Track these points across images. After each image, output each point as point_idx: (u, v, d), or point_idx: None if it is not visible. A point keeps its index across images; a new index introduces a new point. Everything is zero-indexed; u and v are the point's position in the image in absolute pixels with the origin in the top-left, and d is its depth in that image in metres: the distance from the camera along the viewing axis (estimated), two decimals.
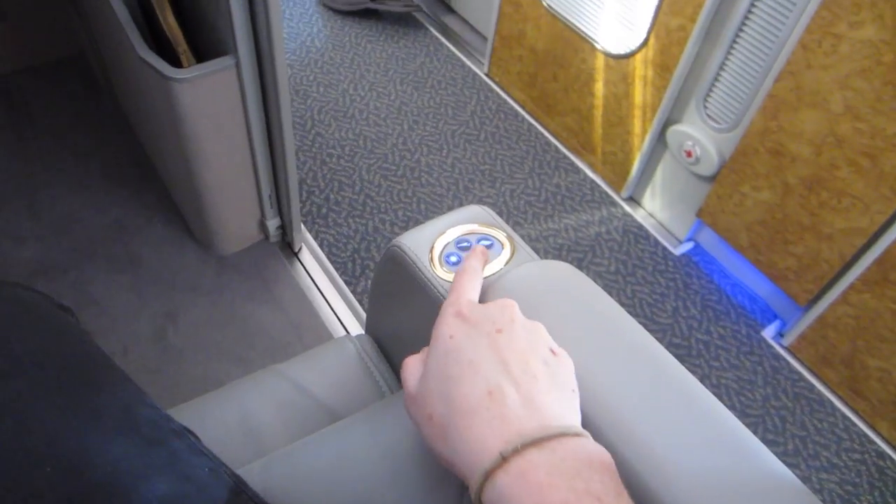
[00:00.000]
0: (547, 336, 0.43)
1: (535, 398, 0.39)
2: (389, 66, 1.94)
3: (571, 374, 0.43)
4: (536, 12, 1.66)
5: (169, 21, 1.07)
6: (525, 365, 0.40)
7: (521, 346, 0.41)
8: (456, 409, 0.39)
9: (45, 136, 1.61)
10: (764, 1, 1.19)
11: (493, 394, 0.38)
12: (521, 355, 0.41)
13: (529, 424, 0.37)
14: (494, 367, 0.40)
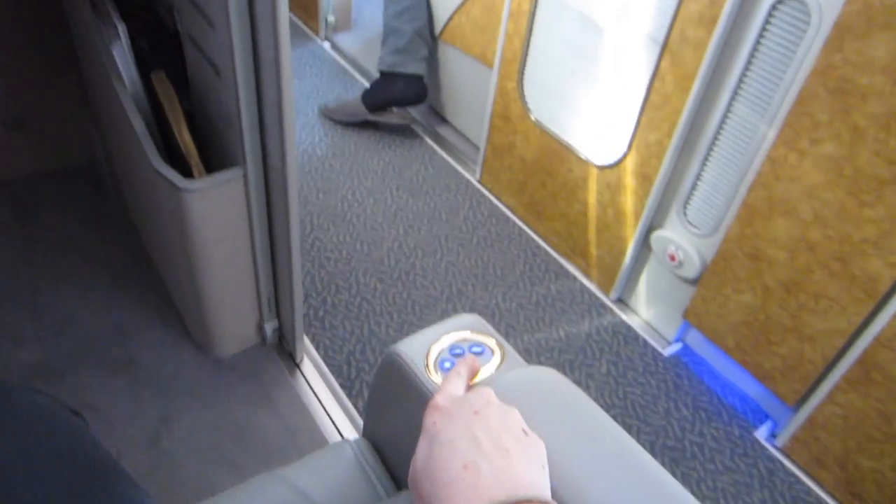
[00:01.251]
0: (520, 418, 0.48)
1: (505, 470, 0.43)
2: (386, 173, 2.04)
3: (542, 453, 0.47)
4: (525, 125, 1.78)
5: (184, 137, 1.15)
6: (498, 441, 0.44)
7: (495, 424, 0.46)
8: (437, 484, 0.43)
9: (53, 239, 1.67)
10: (733, 119, 1.28)
11: (467, 467, 0.43)
12: (495, 433, 0.45)
13: (500, 492, 0.41)
14: (470, 444, 0.44)
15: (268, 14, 0.95)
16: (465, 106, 2.18)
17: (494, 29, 1.82)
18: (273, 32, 0.95)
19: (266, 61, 1.01)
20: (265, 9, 0.96)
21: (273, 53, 0.97)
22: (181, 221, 1.17)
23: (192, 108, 1.33)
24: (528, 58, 1.70)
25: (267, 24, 0.96)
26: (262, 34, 1.00)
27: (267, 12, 0.95)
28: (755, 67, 1.22)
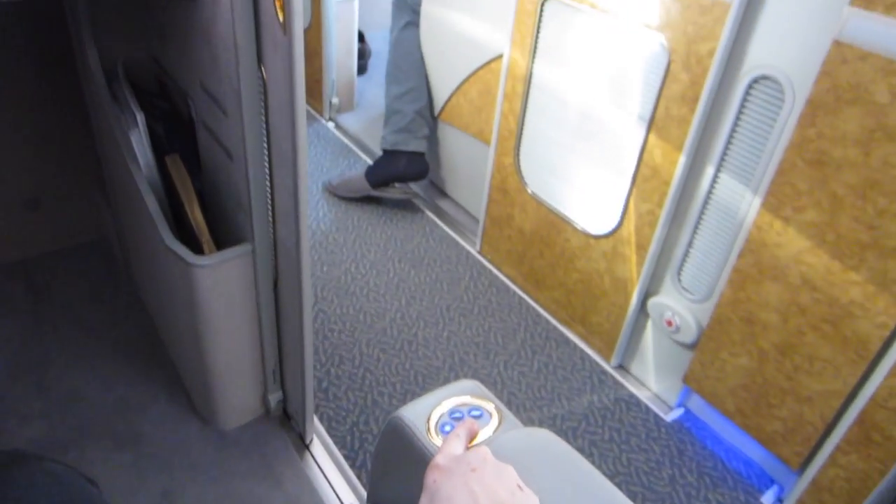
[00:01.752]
0: (515, 475, 0.51)
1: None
2: (389, 246, 2.09)
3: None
4: (522, 198, 1.84)
5: (196, 216, 1.21)
6: (494, 496, 0.47)
7: (491, 480, 0.49)
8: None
9: (62, 315, 1.70)
10: (720, 188, 1.35)
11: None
12: (491, 488, 0.48)
13: None
14: (467, 499, 0.47)
15: (286, 112, 1.01)
16: (464, 180, 2.26)
17: (490, 109, 1.92)
18: (291, 125, 1.00)
19: (282, 151, 1.07)
20: (282, 104, 1.02)
21: (290, 144, 1.02)
22: (190, 296, 1.22)
23: (203, 187, 1.39)
24: (524, 135, 1.78)
25: (285, 120, 1.02)
26: (279, 129, 1.06)
27: (286, 110, 1.01)
28: (737, 141, 1.29)
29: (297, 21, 0.92)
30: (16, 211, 1.80)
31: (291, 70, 0.95)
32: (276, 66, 1.00)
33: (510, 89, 1.77)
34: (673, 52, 1.33)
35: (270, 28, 0.98)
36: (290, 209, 1.10)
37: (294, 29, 0.92)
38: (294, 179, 1.05)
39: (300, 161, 1.03)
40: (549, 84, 1.65)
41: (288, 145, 1.04)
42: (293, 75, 0.95)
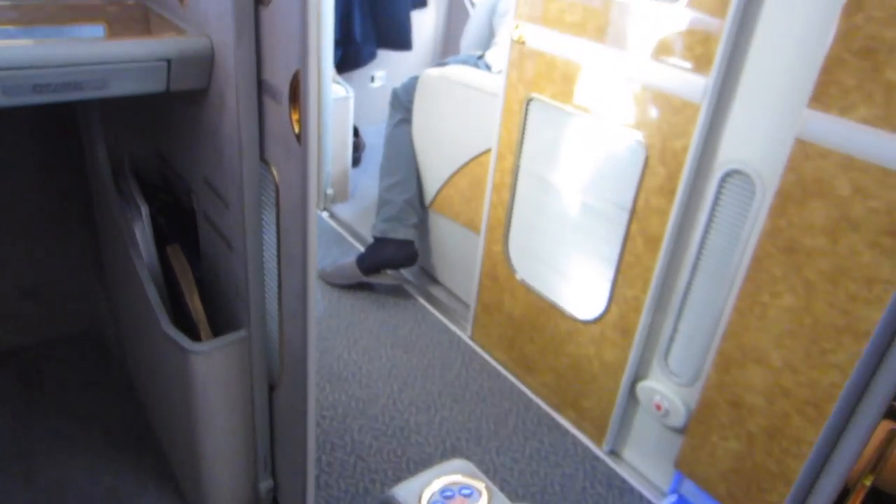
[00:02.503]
0: None
1: None
2: (381, 332, 2.12)
3: None
4: (511, 284, 1.90)
5: (195, 304, 1.25)
6: None
7: None
8: None
9: (53, 403, 1.70)
10: (701, 274, 1.40)
11: None
12: None
13: None
14: None
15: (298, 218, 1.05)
16: (455, 267, 2.32)
17: (480, 199, 2.00)
18: (302, 230, 1.05)
19: (292, 253, 1.11)
20: (294, 209, 1.06)
21: (300, 248, 1.07)
22: (185, 381, 1.24)
23: (202, 276, 1.43)
24: (512, 224, 1.85)
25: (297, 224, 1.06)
26: (290, 232, 1.10)
27: (298, 215, 1.05)
28: (714, 230, 1.36)
29: (313, 135, 0.98)
30: (12, 299, 1.83)
31: (305, 180, 1.00)
32: (289, 172, 1.06)
33: (499, 181, 1.85)
34: (650, 147, 1.42)
35: (284, 137, 1.04)
36: (299, 310, 1.13)
37: (309, 141, 0.98)
38: (303, 280, 1.08)
39: (310, 263, 1.06)
40: (536, 176, 1.73)
41: (298, 249, 1.07)
42: (306, 185, 1.01)
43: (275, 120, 1.07)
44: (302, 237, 1.06)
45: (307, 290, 1.10)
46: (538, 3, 1.59)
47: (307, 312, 1.12)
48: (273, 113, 1.07)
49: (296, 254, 1.09)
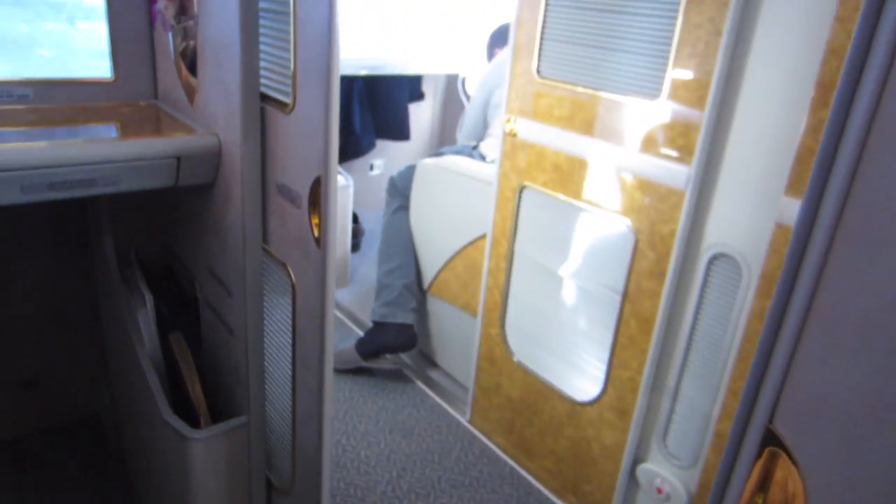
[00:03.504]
0: None
1: None
2: (380, 417, 2.11)
3: None
4: (509, 367, 1.91)
5: (196, 391, 1.26)
6: None
7: None
8: None
9: (46, 493, 1.68)
10: (694, 355, 1.42)
11: None
12: None
13: None
14: None
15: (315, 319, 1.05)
16: (453, 351, 2.33)
17: (477, 283, 2.04)
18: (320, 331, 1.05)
19: (307, 354, 1.12)
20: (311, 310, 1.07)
21: (316, 347, 1.07)
22: (183, 468, 1.23)
23: (204, 363, 1.45)
24: (508, 307, 1.89)
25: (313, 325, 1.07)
26: (305, 332, 1.11)
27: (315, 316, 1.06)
28: (704, 310, 1.39)
29: (332, 238, 0.99)
30: (12, 389, 1.83)
31: (324, 283, 1.01)
32: (307, 274, 1.07)
33: (494, 265, 1.90)
34: (639, 232, 1.47)
35: (303, 239, 1.06)
36: (314, 413, 1.13)
37: (328, 244, 0.99)
38: (319, 384, 1.08)
39: (327, 366, 1.06)
40: (530, 260, 1.78)
41: (315, 352, 1.08)
42: (325, 288, 1.01)
43: (293, 223, 1.09)
44: (319, 340, 1.05)
45: (324, 393, 1.08)
46: (528, 99, 1.69)
47: (323, 417, 1.11)
48: (291, 216, 1.09)
49: (312, 356, 1.09)
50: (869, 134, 0.48)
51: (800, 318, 0.55)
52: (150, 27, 1.42)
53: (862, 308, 0.51)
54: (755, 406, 0.60)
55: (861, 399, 0.51)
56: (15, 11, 1.32)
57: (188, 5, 1.22)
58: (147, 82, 1.46)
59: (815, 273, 0.53)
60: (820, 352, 0.54)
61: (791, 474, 0.57)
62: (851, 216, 0.51)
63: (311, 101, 1.00)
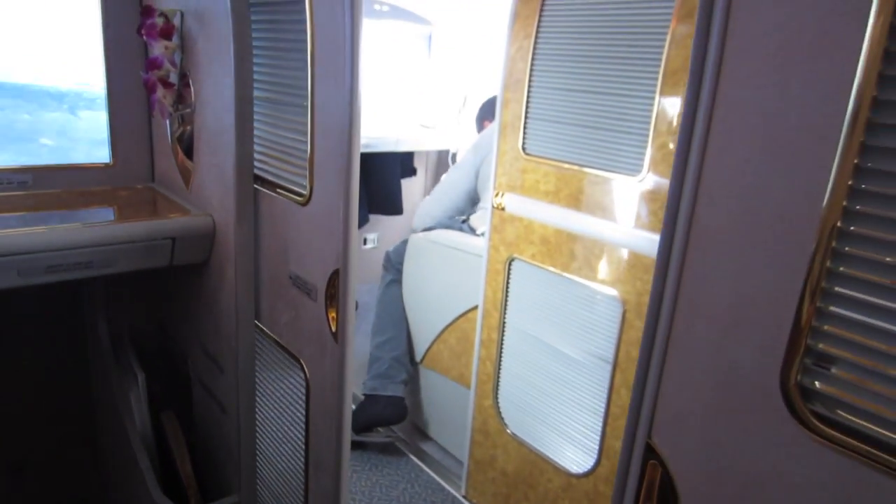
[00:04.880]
0: None
1: None
2: (374, 493, 2.07)
3: None
4: (503, 439, 1.89)
5: (186, 469, 1.25)
6: None
7: None
8: None
9: None
10: None
11: None
12: None
13: None
14: None
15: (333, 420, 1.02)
16: (447, 423, 2.31)
17: (469, 355, 2.05)
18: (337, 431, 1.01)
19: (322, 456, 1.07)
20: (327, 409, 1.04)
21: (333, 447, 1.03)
22: None
23: (195, 441, 1.45)
24: (501, 378, 1.89)
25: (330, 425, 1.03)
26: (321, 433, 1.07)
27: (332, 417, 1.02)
28: None
29: (351, 333, 0.97)
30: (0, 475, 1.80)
31: (343, 381, 0.98)
32: (322, 370, 1.04)
33: (486, 337, 1.91)
34: (626, 302, 1.50)
35: (319, 334, 1.03)
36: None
37: (347, 340, 0.97)
38: (336, 486, 1.04)
39: (343, 467, 1.02)
40: (522, 331, 1.80)
41: (331, 452, 1.03)
42: (343, 386, 0.98)
43: (308, 316, 1.06)
44: (337, 442, 1.01)
45: (340, 496, 1.03)
46: (515, 174, 1.74)
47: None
48: (306, 309, 1.06)
49: (328, 459, 1.04)
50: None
51: (663, 344, 0.64)
52: (149, 114, 1.48)
53: (704, 333, 0.60)
54: (638, 424, 0.67)
55: (712, 411, 0.61)
56: (18, 103, 1.38)
57: (186, 94, 1.29)
58: (144, 166, 1.52)
59: (671, 304, 0.63)
60: (679, 374, 0.63)
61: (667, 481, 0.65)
62: (689, 258, 0.61)
63: (329, 193, 0.98)
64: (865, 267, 0.51)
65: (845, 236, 0.52)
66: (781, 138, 0.54)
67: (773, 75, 0.54)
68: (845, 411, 0.53)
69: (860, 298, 0.52)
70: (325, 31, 0.97)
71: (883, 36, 0.48)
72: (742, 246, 0.57)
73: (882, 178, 0.49)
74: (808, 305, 0.53)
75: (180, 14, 1.26)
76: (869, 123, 0.50)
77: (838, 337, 0.53)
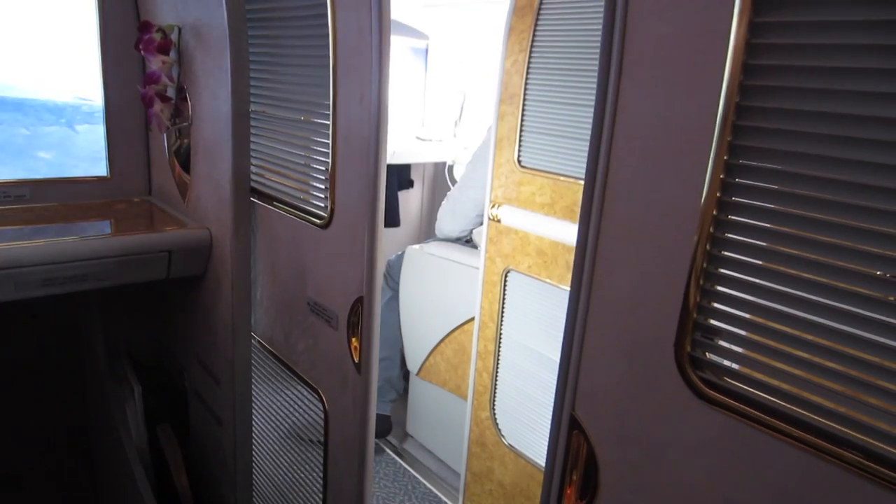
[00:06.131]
0: None
1: None
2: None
3: None
4: (500, 451, 1.89)
5: (182, 483, 1.25)
6: None
7: None
8: None
9: None
10: None
11: None
12: None
13: None
14: None
15: (354, 453, 0.96)
16: (443, 435, 2.31)
17: (466, 366, 2.05)
18: (359, 465, 0.95)
19: (342, 489, 1.02)
20: (348, 441, 0.98)
21: (354, 481, 0.98)
22: None
23: (192, 454, 1.44)
24: (498, 389, 1.89)
25: (350, 457, 0.97)
26: (340, 464, 1.02)
27: (353, 450, 0.96)
28: None
29: (375, 364, 0.91)
30: None
31: (366, 413, 0.91)
32: (343, 402, 0.98)
33: (482, 348, 1.92)
34: None
35: (340, 363, 0.97)
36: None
37: (372, 372, 0.91)
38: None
39: (367, 499, 0.97)
40: (518, 343, 1.80)
41: (352, 487, 0.98)
42: (367, 419, 0.92)
43: (327, 345, 1.00)
44: (359, 474, 0.95)
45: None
46: (511, 187, 1.75)
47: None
48: (326, 337, 1.00)
49: (349, 496, 0.99)
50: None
51: (581, 326, 0.72)
52: (146, 128, 1.49)
53: (614, 313, 0.68)
54: (564, 398, 0.74)
55: (623, 383, 0.67)
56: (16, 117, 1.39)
57: (183, 108, 1.30)
58: (141, 179, 1.52)
59: (588, 288, 0.70)
60: (595, 351, 0.71)
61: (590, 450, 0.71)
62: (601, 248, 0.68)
63: (351, 216, 0.92)
64: (740, 250, 0.58)
65: (722, 224, 0.58)
66: (670, 139, 0.61)
67: (662, 84, 0.61)
68: (731, 378, 0.59)
69: (738, 277, 0.58)
70: (349, 44, 0.92)
71: (741, 51, 0.55)
72: (641, 236, 0.63)
73: (747, 172, 0.56)
74: (695, 286, 0.59)
75: (178, 29, 1.28)
76: (734, 126, 0.56)
77: (721, 312, 0.59)
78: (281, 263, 1.10)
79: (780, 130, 0.54)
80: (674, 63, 0.60)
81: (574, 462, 0.72)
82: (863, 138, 0.49)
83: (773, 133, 0.54)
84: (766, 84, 0.54)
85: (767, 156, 0.55)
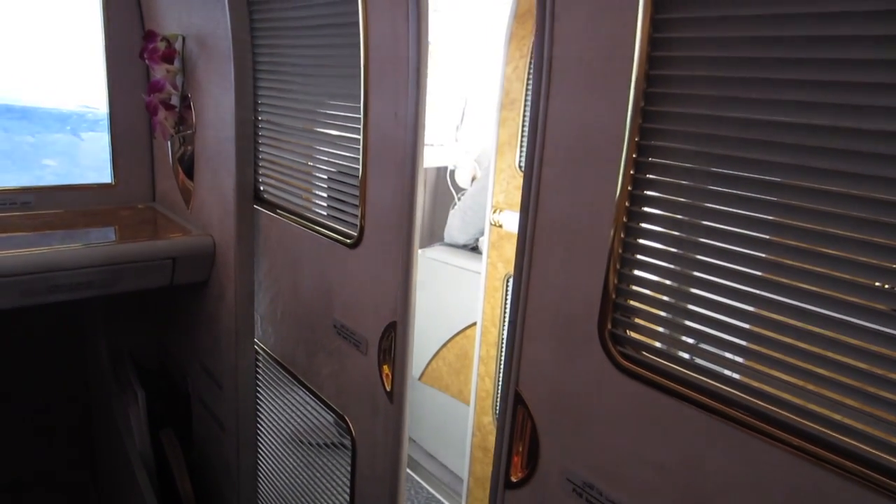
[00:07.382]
0: None
1: None
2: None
3: None
4: None
5: (185, 488, 1.26)
6: None
7: None
8: None
9: None
10: None
11: None
12: None
13: None
14: None
15: (386, 484, 0.93)
16: (446, 440, 2.31)
17: (468, 371, 2.05)
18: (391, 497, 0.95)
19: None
20: (378, 474, 0.95)
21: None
22: None
23: (195, 458, 1.45)
24: (500, 394, 1.89)
25: (381, 490, 0.95)
26: (368, 498, 0.99)
27: (385, 482, 0.94)
28: None
29: (408, 393, 0.86)
30: None
31: (399, 445, 0.88)
32: (373, 432, 0.93)
33: (485, 353, 1.92)
34: None
35: (370, 391, 0.92)
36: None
37: (404, 401, 0.86)
38: None
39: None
40: None
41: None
42: (399, 451, 0.88)
43: (356, 371, 0.95)
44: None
45: None
46: (513, 192, 1.76)
47: None
48: (354, 363, 0.95)
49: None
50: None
51: (523, 309, 0.76)
52: (150, 136, 1.50)
53: (549, 297, 0.73)
54: (510, 376, 0.78)
55: (556, 360, 0.73)
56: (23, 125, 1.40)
57: (187, 116, 1.31)
58: (146, 186, 1.53)
59: (527, 276, 0.75)
60: (534, 330, 0.75)
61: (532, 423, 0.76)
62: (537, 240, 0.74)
63: (383, 235, 0.86)
64: (651, 237, 0.64)
65: (634, 215, 0.65)
66: (589, 144, 0.67)
67: (582, 94, 0.67)
68: (647, 352, 0.65)
69: (649, 262, 0.64)
70: (382, 54, 0.85)
71: (644, 62, 0.61)
72: (569, 229, 0.70)
73: (651, 168, 0.63)
74: (613, 270, 0.66)
75: (182, 38, 1.29)
76: (641, 128, 0.63)
77: (636, 293, 0.65)
78: (304, 283, 1.04)
79: (679, 132, 0.60)
80: (591, 74, 0.66)
81: (520, 434, 0.77)
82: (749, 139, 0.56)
83: (673, 133, 0.61)
84: (666, 91, 0.61)
85: (670, 153, 0.61)
